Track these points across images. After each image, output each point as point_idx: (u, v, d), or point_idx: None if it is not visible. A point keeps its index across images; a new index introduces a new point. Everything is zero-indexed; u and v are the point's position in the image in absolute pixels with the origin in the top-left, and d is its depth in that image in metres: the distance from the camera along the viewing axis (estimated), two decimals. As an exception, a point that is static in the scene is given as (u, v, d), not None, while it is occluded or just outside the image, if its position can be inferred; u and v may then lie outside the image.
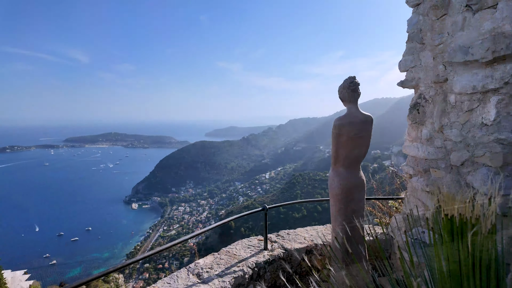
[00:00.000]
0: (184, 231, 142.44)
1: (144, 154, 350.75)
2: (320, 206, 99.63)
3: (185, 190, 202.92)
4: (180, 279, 3.54)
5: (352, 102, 3.97)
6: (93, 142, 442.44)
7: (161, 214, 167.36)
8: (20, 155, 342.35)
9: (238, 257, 4.16)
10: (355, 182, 3.95)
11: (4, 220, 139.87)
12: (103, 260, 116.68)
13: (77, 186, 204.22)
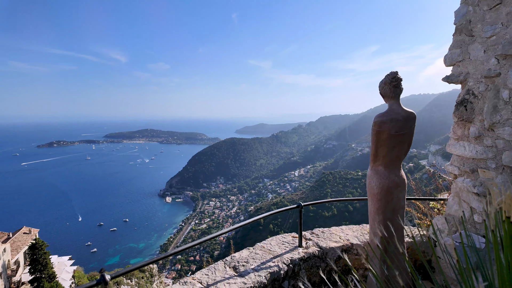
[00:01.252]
0: (214, 225, 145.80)
1: (177, 150, 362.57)
2: (351, 206, 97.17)
3: (215, 185, 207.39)
4: (217, 271, 3.65)
5: (394, 98, 3.82)
6: (130, 138, 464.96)
7: (193, 208, 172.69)
8: (66, 149, 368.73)
9: (273, 252, 4.20)
10: (395, 181, 3.81)
11: (51, 209, 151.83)
12: (139, 250, 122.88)
13: (116, 180, 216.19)
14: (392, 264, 3.69)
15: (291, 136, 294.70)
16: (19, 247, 38.18)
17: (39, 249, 32.55)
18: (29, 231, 42.72)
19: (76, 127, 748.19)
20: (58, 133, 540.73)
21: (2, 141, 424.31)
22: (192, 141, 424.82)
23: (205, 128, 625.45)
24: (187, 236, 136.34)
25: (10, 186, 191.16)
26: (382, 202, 3.81)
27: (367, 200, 4.13)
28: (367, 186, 4.01)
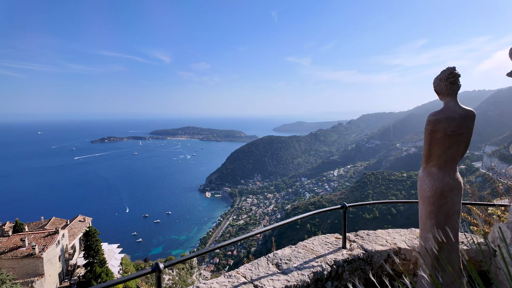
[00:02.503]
0: (251, 222, 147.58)
1: (217, 147, 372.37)
2: (394, 208, 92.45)
3: (253, 182, 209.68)
4: (260, 267, 3.71)
5: (451, 95, 3.56)
6: (174, 135, 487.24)
7: (231, 204, 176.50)
8: (115, 144, 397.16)
9: (315, 252, 4.16)
10: (450, 183, 3.56)
11: (103, 200, 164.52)
12: (180, 242, 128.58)
13: (160, 174, 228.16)
14: (444, 272, 3.47)
15: (331, 134, 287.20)
16: (75, 233, 41.90)
17: (92, 236, 35.49)
18: (84, 219, 46.71)
19: (124, 124, 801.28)
20: (109, 129, 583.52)
21: (62, 137, 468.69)
22: (230, 138, 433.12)
23: (243, 126, 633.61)
24: (225, 231, 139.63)
25: (67, 177, 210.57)
26: (435, 206, 3.59)
27: (413, 203, 3.92)
28: (418, 189, 3.80)
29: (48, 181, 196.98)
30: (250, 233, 3.50)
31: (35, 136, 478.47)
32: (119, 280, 2.43)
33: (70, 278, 36.57)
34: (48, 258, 32.26)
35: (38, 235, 34.61)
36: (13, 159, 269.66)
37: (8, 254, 31.12)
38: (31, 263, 31.13)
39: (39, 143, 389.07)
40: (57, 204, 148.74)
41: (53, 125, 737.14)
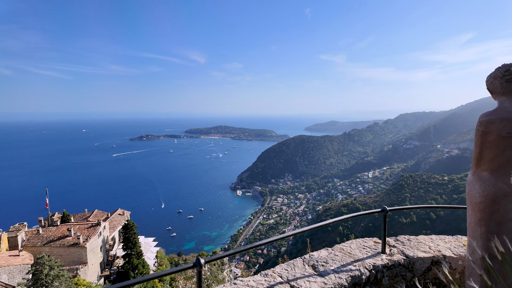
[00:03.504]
0: (282, 221, 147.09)
1: (248, 146, 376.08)
2: (434, 214, 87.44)
3: (283, 182, 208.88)
4: (296, 268, 3.70)
5: (506, 94, 3.29)
6: (207, 133, 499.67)
7: (261, 203, 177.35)
8: (152, 142, 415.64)
9: (353, 256, 4.07)
10: (504, 189, 3.29)
11: (140, 195, 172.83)
12: (212, 238, 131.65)
13: (193, 171, 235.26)
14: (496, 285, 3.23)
15: (365, 134, 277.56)
16: (115, 226, 44.42)
17: (130, 229, 37.40)
18: (123, 213, 49.38)
19: (161, 122, 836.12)
20: (147, 128, 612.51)
21: (104, 134, 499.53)
22: (262, 137, 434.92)
23: (274, 125, 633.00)
24: (255, 229, 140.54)
25: (109, 172, 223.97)
26: (486, 213, 3.34)
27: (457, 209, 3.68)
28: (467, 194, 3.57)
29: (91, 176, 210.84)
30: (288, 233, 3.50)
31: (80, 134, 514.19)
32: (163, 273, 2.55)
33: (110, 268, 38.87)
34: (91, 248, 34.54)
35: (82, 226, 37.16)
36: (61, 155, 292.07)
37: (57, 242, 33.77)
38: (76, 252, 33.53)
39: (84, 140, 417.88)
40: (99, 198, 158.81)
41: (96, 124, 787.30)
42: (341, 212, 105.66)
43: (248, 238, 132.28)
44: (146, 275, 24.07)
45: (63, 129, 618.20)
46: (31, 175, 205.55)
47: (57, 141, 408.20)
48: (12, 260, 30.17)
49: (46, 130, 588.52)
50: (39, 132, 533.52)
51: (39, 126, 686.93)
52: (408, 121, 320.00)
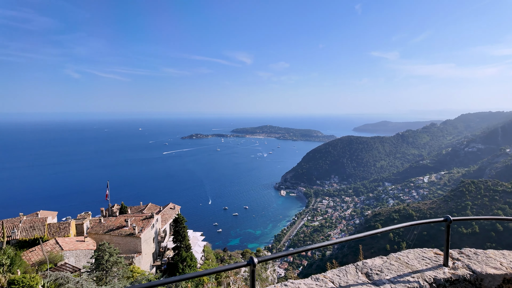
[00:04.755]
0: (327, 224, 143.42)
1: (293, 146, 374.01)
2: (501, 225, 78.34)
3: (329, 184, 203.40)
4: (349, 275, 3.55)
5: None
6: (252, 133, 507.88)
7: (305, 204, 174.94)
8: (201, 141, 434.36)
9: (411, 266, 3.78)
10: None
11: (189, 191, 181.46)
12: (256, 237, 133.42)
13: (239, 170, 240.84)
14: None
15: (421, 136, 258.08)
16: (167, 219, 47.13)
17: (180, 223, 39.36)
18: (174, 207, 52.17)
19: (209, 122, 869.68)
20: (196, 127, 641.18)
21: (158, 133, 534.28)
22: (307, 137, 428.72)
23: (320, 125, 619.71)
24: (299, 230, 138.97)
25: (161, 168, 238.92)
26: None
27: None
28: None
29: (145, 171, 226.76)
30: (342, 239, 3.35)
31: (136, 132, 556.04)
32: (218, 269, 2.60)
33: (161, 259, 41.33)
34: (145, 239, 37.08)
35: (138, 217, 40.04)
36: (120, 151, 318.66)
37: (116, 231, 36.85)
38: (132, 241, 36.27)
39: (140, 138, 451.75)
40: (152, 191, 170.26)
41: (151, 122, 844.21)
42: (392, 218, 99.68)
43: (292, 239, 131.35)
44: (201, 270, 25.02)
45: (122, 127, 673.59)
46: (94, 169, 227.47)
47: (116, 138, 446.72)
48: (78, 245, 33.62)
49: (108, 128, 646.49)
50: (101, 130, 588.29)
51: (101, 124, 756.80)
52: (471, 122, 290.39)
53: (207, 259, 47.77)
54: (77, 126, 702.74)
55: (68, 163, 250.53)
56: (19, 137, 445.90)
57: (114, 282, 20.76)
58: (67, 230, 35.92)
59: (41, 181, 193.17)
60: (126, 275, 25.23)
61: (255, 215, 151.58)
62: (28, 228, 35.14)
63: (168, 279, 2.34)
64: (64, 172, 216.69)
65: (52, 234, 34.70)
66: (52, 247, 30.91)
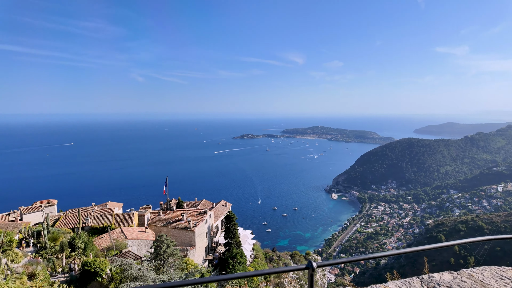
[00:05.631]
0: (382, 232, 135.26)
1: (346, 148, 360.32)
2: None
3: (385, 189, 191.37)
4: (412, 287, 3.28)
5: None
6: (303, 134, 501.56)
7: (359, 209, 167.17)
8: (252, 141, 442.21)
9: (486, 286, 3.35)
10: None
11: (240, 189, 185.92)
12: (305, 239, 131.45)
13: (289, 171, 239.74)
14: None
15: (495, 139, 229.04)
16: (219, 215, 48.84)
17: (231, 220, 40.48)
18: (225, 204, 53.85)
19: (260, 122, 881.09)
20: (248, 127, 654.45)
21: (212, 132, 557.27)
22: (361, 139, 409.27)
23: (377, 127, 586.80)
24: (351, 236, 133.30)
25: (214, 166, 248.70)
26: None
27: None
28: None
29: (200, 168, 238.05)
30: (414, 248, 3.10)
31: (192, 131, 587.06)
32: (276, 270, 2.60)
33: (213, 253, 42.95)
34: (199, 233, 38.89)
35: (193, 212, 42.17)
36: (177, 149, 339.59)
37: (172, 224, 39.27)
38: (186, 235, 38.30)
39: (195, 137, 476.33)
40: (205, 188, 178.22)
41: (206, 123, 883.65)
42: (458, 229, 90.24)
43: (344, 245, 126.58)
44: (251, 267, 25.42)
45: (179, 127, 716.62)
46: (155, 165, 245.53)
47: (175, 137, 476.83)
48: (140, 235, 36.51)
49: (167, 128, 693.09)
50: (161, 130, 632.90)
51: (162, 124, 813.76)
52: None
53: (256, 258, 48.37)
54: (140, 125, 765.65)
55: (132, 159, 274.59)
56: (95, 135, 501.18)
57: (171, 272, 22.13)
58: (130, 221, 39.34)
59: (109, 174, 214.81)
60: (181, 266, 26.73)
61: (305, 217, 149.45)
62: (99, 217, 39.27)
63: (230, 275, 2.36)
64: (129, 167, 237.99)
65: (118, 224, 38.29)
66: (118, 235, 34.11)
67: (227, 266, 35.82)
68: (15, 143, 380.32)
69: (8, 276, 14.48)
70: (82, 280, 22.06)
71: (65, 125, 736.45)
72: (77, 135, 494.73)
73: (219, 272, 36.43)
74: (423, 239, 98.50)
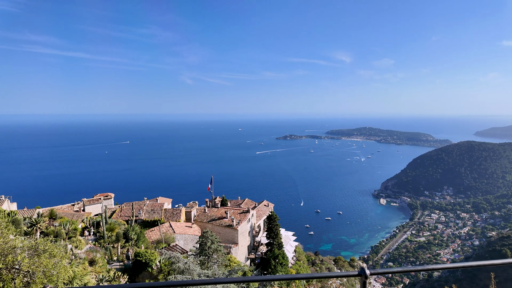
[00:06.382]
0: (436, 241, 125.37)
1: (396, 151, 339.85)
2: None
3: (441, 196, 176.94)
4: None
5: None
6: (349, 135, 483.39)
7: (410, 216, 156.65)
8: (295, 142, 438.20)
9: None
10: None
11: (282, 190, 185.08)
12: (350, 245, 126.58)
13: (333, 173, 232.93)
14: None
15: None
16: (261, 215, 49.19)
17: (273, 221, 40.51)
18: (268, 204, 54.06)
19: (303, 123, 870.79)
20: (290, 128, 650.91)
21: (255, 133, 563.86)
22: (414, 142, 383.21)
23: (431, 128, 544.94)
24: (400, 245, 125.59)
25: (257, 166, 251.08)
26: None
27: None
28: None
29: (243, 168, 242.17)
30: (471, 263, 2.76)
31: (236, 132, 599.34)
32: (325, 275, 2.57)
33: (255, 252, 43.35)
34: (242, 231, 39.54)
35: (236, 211, 43.02)
36: (222, 149, 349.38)
37: (217, 221, 40.46)
38: (230, 232, 39.17)
39: (239, 137, 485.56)
40: (248, 188, 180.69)
41: (249, 123, 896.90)
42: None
43: (392, 253, 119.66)
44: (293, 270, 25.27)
45: (224, 127, 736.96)
46: (201, 163, 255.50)
47: (220, 137, 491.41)
48: (187, 230, 38.16)
49: (213, 128, 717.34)
50: (207, 130, 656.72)
51: (208, 124, 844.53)
52: None
53: (299, 260, 47.82)
54: (188, 125, 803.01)
55: (180, 157, 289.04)
56: (148, 134, 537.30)
57: (214, 268, 22.79)
58: (178, 216, 41.34)
59: (160, 171, 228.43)
60: (224, 263, 27.41)
61: (350, 222, 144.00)
62: (150, 211, 41.88)
63: (278, 276, 2.33)
64: (177, 165, 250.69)
65: (167, 218, 40.47)
66: (167, 229, 36.07)
67: (268, 266, 35.91)
68: (79, 140, 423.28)
69: (73, 260, 16.06)
70: (135, 269, 23.72)
71: (122, 125, 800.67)
72: (132, 134, 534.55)
73: (261, 271, 36.66)
74: (484, 252, 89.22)
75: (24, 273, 8.19)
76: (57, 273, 8.88)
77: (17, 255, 8.27)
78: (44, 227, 29.54)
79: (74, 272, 13.32)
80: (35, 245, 9.15)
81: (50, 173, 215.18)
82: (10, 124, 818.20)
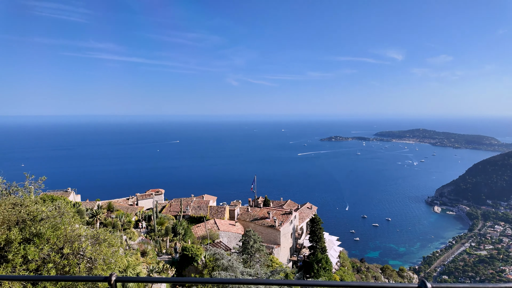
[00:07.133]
0: (500, 256, 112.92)
1: (454, 155, 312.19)
2: None
3: (506, 206, 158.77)
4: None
5: None
6: (400, 137, 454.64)
7: (468, 227, 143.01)
8: (340, 143, 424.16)
9: None
10: None
11: (326, 193, 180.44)
12: (399, 254, 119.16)
13: (382, 177, 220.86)
14: None
15: None
16: (304, 217, 48.51)
17: (317, 224, 39.69)
18: (311, 207, 53.14)
19: (348, 124, 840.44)
20: (336, 129, 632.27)
21: (298, 134, 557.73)
22: (475, 145, 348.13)
23: (496, 130, 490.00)
24: (457, 257, 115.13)
25: (299, 168, 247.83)
26: None
27: None
28: None
29: (285, 169, 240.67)
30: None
31: (279, 133, 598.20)
32: (381, 285, 2.43)
33: (297, 255, 42.88)
34: (284, 233, 39.39)
35: (278, 212, 42.98)
36: (265, 149, 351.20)
37: (259, 221, 40.81)
38: (272, 233, 39.26)
39: (282, 138, 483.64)
40: (291, 189, 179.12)
41: (293, 124, 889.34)
42: None
43: (447, 266, 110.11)
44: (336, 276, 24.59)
45: (268, 128, 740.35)
46: (244, 163, 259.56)
47: (263, 137, 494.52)
48: (231, 227, 39.04)
49: (256, 128, 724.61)
50: (251, 130, 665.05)
51: (251, 125, 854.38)
52: None
53: (343, 266, 46.26)
54: (233, 126, 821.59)
55: (224, 157, 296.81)
56: (196, 134, 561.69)
57: (257, 267, 23.02)
58: (222, 214, 42.52)
59: (206, 169, 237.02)
60: (266, 263, 27.55)
61: (400, 229, 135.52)
62: (196, 208, 43.64)
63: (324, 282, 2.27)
64: (222, 164, 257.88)
65: (212, 215, 41.84)
66: (212, 226, 37.29)
67: (311, 270, 35.28)
68: (134, 139, 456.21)
69: (127, 251, 17.37)
70: (182, 262, 24.92)
71: (173, 125, 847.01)
72: (182, 133, 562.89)
73: (303, 275, 36.16)
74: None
75: (87, 259, 9.10)
76: (115, 261, 9.71)
77: (81, 242, 9.22)
78: (103, 218, 32.45)
79: (128, 261, 14.43)
80: (97, 234, 10.13)
81: (109, 168, 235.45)
82: (82, 123, 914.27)
